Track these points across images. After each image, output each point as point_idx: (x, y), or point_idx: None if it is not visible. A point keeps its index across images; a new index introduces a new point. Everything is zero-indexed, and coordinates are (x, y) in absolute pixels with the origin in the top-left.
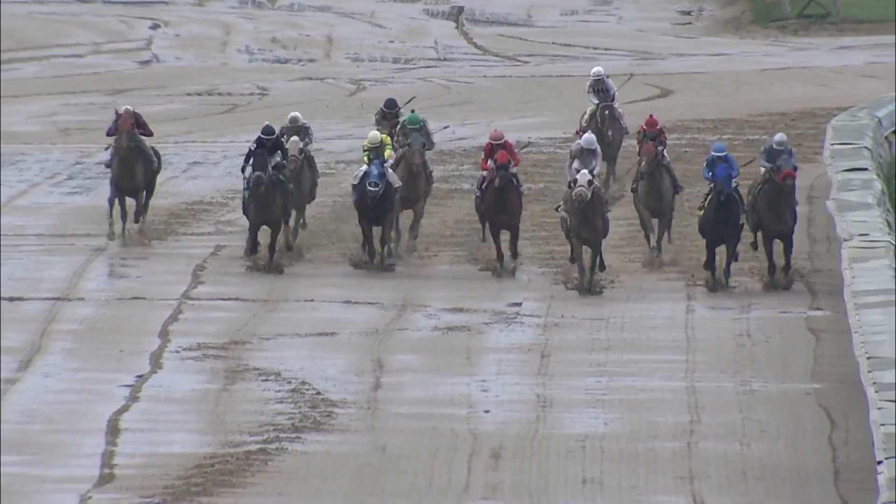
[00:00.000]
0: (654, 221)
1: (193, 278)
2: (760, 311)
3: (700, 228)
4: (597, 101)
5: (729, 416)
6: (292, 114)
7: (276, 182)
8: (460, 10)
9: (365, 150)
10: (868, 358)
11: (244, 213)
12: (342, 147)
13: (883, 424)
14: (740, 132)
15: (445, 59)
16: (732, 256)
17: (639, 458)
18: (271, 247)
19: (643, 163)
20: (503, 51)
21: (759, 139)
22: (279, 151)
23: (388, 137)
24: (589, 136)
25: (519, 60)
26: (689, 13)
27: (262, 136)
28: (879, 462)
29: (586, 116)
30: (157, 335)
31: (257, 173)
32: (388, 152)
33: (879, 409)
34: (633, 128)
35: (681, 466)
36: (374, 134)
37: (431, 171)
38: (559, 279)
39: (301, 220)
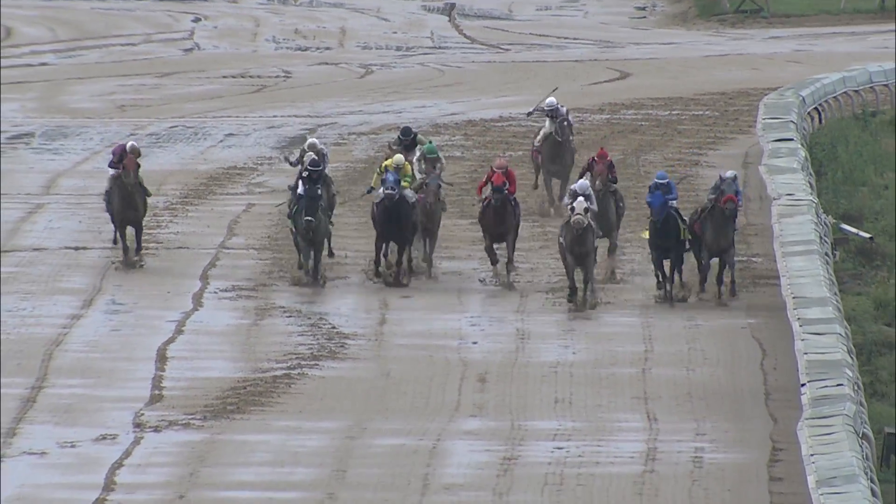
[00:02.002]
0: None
1: (229, 231)
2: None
3: (650, 246)
4: (550, 124)
5: (677, 346)
6: (311, 140)
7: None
8: (452, 6)
9: (381, 170)
10: (794, 297)
11: (293, 237)
12: (354, 121)
13: (806, 353)
14: (687, 108)
15: (440, 48)
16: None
17: (602, 381)
18: (315, 269)
19: (597, 182)
20: (488, 40)
21: (703, 114)
22: (321, 184)
23: (410, 166)
24: (583, 182)
25: (501, 48)
26: (644, 9)
27: (310, 167)
28: (803, 384)
29: (540, 136)
30: (199, 279)
31: (307, 219)
32: (406, 182)
33: (803, 340)
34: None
35: (637, 388)
36: (399, 157)
37: (444, 199)
38: (535, 232)
39: (328, 246)
